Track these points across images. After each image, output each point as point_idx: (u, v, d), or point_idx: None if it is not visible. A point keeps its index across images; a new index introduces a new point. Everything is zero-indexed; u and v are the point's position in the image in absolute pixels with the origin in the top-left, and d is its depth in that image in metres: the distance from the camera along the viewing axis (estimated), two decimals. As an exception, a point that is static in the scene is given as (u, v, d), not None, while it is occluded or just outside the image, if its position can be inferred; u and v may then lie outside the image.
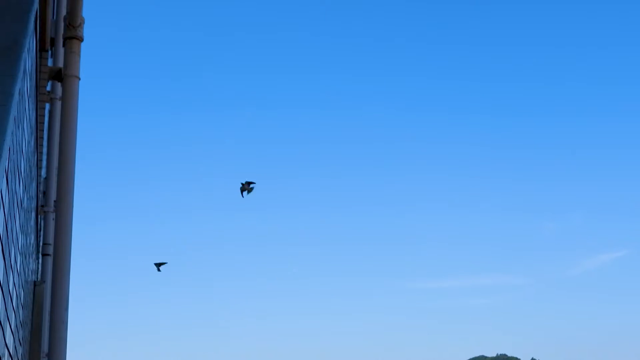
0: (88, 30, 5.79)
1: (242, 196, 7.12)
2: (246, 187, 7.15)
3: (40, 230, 7.06)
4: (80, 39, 5.66)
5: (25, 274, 4.34)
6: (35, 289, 5.26)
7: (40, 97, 5.21)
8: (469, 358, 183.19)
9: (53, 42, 5.97)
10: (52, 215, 6.80)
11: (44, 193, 7.12)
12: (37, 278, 6.87)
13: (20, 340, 4.17)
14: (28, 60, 3.21)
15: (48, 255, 6.87)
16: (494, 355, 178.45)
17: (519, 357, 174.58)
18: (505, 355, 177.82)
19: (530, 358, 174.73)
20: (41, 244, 7.27)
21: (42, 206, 6.98)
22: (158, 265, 7.25)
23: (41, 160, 6.23)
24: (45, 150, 6.86)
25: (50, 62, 6.30)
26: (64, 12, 5.90)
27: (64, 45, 5.72)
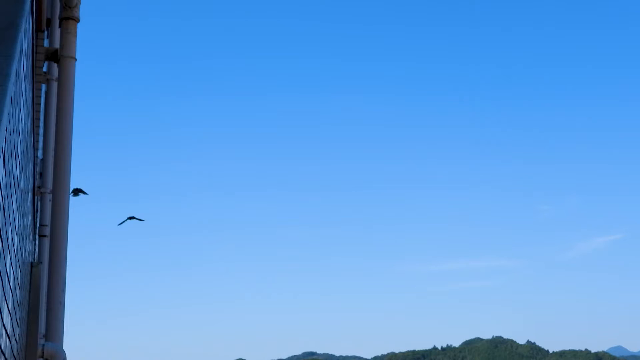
0: (84, 11, 5.76)
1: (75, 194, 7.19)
2: (77, 192, 7.21)
3: (37, 212, 7.05)
4: (77, 20, 5.63)
5: (22, 255, 4.34)
6: (32, 270, 5.27)
7: (37, 78, 5.19)
8: (464, 340, 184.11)
9: (49, 22, 5.94)
10: (48, 197, 6.80)
11: (41, 174, 7.11)
12: (34, 259, 6.87)
13: (18, 320, 4.18)
14: (24, 40, 3.20)
15: (45, 236, 6.87)
16: (490, 337, 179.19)
17: (514, 340, 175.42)
18: (501, 337, 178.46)
19: (526, 340, 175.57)
20: (38, 225, 7.26)
21: (39, 187, 6.97)
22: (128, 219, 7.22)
23: (38, 141, 6.22)
24: (41, 131, 6.84)
25: (46, 43, 6.27)
26: (60, -8, 5.86)
27: (60, 25, 5.69)
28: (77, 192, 6.80)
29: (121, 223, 7.57)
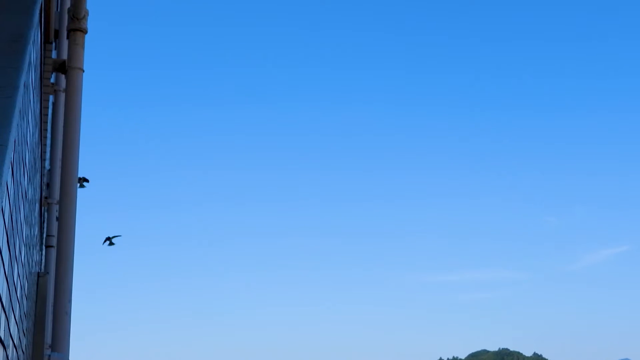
0: (92, 23, 5.80)
1: (110, 244, 7.53)
2: (111, 240, 7.50)
3: (44, 222, 7.08)
4: (85, 31, 5.67)
5: (29, 265, 4.36)
6: (38, 280, 5.28)
7: (44, 89, 5.22)
8: (471, 352, 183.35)
9: (57, 34, 5.98)
10: (55, 207, 6.82)
11: (48, 185, 7.14)
12: (41, 269, 6.89)
13: (24, 331, 4.19)
14: (33, 52, 3.21)
15: (52, 246, 6.89)
16: (496, 349, 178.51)
17: (521, 352, 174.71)
18: (507, 349, 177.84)
19: (533, 352, 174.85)
20: (45, 235, 7.29)
21: (46, 198, 7.00)
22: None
23: (45, 152, 6.25)
24: (48, 142, 6.87)
25: (54, 54, 6.31)
26: (68, 4, 5.90)
27: (68, 37, 5.72)
28: (109, 241, 7.12)
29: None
